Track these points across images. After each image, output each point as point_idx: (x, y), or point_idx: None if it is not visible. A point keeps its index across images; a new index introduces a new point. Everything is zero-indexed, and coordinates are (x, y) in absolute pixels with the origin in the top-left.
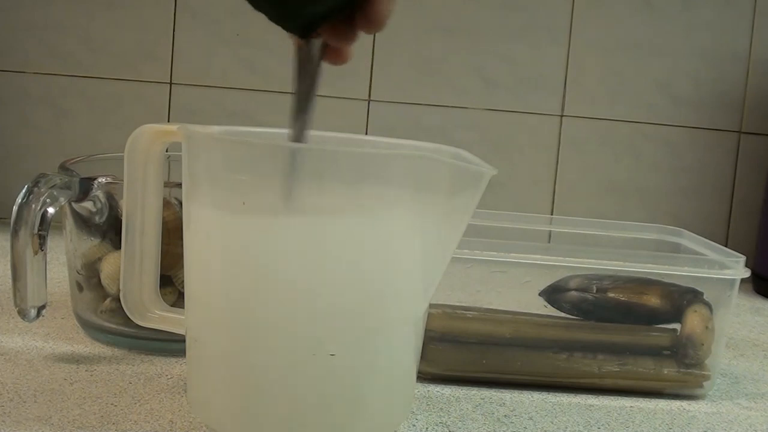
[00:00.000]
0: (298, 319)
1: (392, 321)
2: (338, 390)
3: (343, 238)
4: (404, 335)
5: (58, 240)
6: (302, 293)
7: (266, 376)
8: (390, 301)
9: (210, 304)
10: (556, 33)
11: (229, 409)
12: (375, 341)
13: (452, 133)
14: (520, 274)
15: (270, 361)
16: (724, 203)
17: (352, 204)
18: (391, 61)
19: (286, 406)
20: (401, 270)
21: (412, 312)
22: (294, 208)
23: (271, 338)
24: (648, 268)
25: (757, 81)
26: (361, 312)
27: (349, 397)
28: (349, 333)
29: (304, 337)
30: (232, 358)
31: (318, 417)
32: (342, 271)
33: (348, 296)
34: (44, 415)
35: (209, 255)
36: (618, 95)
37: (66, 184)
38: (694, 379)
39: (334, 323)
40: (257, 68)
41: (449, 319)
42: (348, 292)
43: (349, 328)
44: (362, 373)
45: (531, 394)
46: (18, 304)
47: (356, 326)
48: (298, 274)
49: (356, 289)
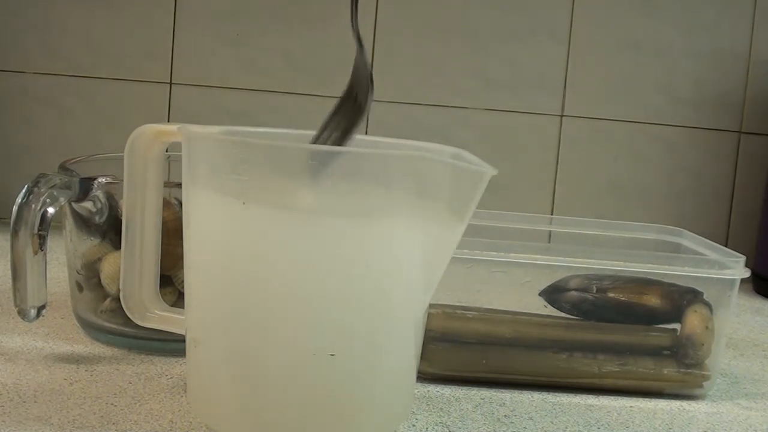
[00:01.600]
0: (297, 319)
1: (393, 321)
2: (338, 390)
3: (344, 238)
4: (404, 335)
5: (58, 240)
6: (302, 294)
7: (266, 376)
8: (390, 302)
9: (210, 304)
10: (556, 33)
11: (229, 409)
12: (375, 341)
13: (452, 133)
14: (520, 274)
15: (270, 362)
16: (724, 203)
17: (353, 204)
18: (391, 61)
19: (286, 407)
20: (402, 270)
21: (413, 312)
22: (295, 208)
23: (271, 338)
24: (648, 268)
25: (757, 81)
26: (362, 312)
27: (349, 397)
28: (350, 333)
29: (303, 337)
30: (232, 359)
31: (318, 417)
32: (342, 271)
33: (348, 296)
34: (44, 415)
35: (209, 255)
36: (618, 95)
37: (66, 184)
38: (694, 379)
39: (334, 323)
40: (257, 68)
41: (449, 319)
42: (348, 292)
43: (350, 329)
44: (362, 373)
45: (531, 394)
46: (18, 304)
47: (356, 326)
48: (298, 275)
49: (357, 290)
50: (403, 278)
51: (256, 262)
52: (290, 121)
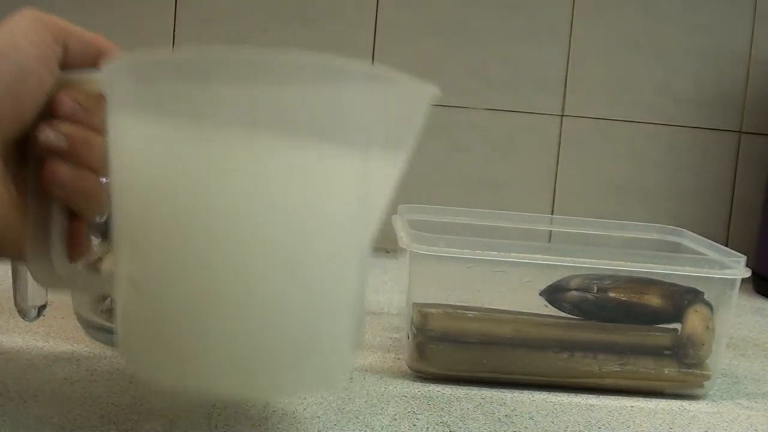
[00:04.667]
0: (238, 257)
1: (334, 253)
2: (284, 328)
3: (279, 166)
4: (346, 275)
5: None
6: (248, 226)
7: (208, 317)
8: (330, 233)
9: (151, 242)
10: (556, 33)
11: (167, 357)
12: (318, 276)
13: (452, 133)
14: (521, 274)
15: (218, 298)
16: (725, 203)
17: (284, 128)
18: (391, 61)
19: (230, 349)
20: (339, 201)
21: (354, 250)
22: (225, 136)
23: (212, 278)
24: (648, 268)
25: (757, 81)
26: (301, 245)
27: (295, 334)
28: (290, 268)
29: (251, 272)
30: (178, 298)
31: (265, 356)
32: (275, 201)
33: (285, 229)
34: (44, 414)
35: (145, 189)
36: (618, 95)
37: None
38: (695, 379)
39: (274, 259)
40: None
41: (449, 319)
42: (283, 224)
43: (288, 264)
44: (306, 309)
45: (532, 393)
46: (18, 304)
47: (294, 261)
48: (232, 203)
49: (293, 221)
50: (341, 209)
51: (195, 194)
52: None
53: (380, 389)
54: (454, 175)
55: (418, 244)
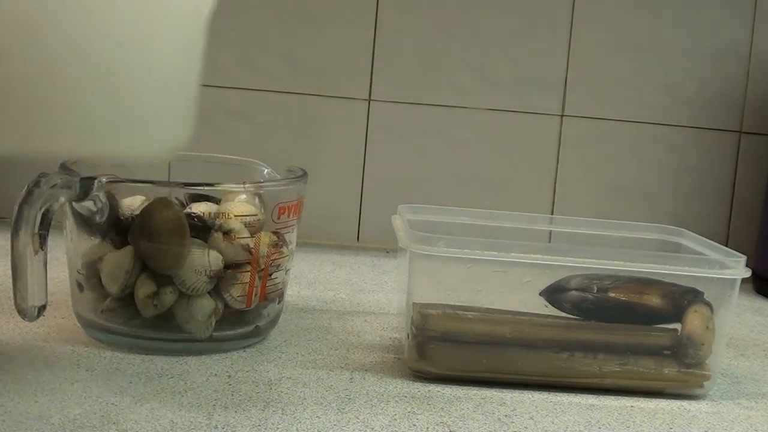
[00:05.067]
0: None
1: (161, 31)
2: (114, 97)
3: None
4: (173, 46)
5: (58, 240)
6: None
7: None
8: (158, 7)
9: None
10: (556, 33)
11: (11, 123)
12: (145, 50)
13: (452, 133)
14: (521, 274)
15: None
16: (725, 203)
17: None
18: (391, 61)
19: (68, 115)
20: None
21: (184, 25)
22: None
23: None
24: (648, 268)
25: (757, 81)
26: (129, 23)
27: (123, 103)
28: (117, 40)
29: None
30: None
31: (100, 122)
32: None
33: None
34: (45, 414)
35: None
36: (618, 95)
37: (66, 183)
38: (695, 379)
39: (102, 30)
40: (257, 68)
41: (449, 319)
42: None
43: (115, 35)
44: (131, 79)
45: (532, 393)
46: (18, 304)
47: (121, 32)
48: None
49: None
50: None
51: None
52: (290, 121)
53: (380, 389)
54: (454, 174)
55: (418, 244)
